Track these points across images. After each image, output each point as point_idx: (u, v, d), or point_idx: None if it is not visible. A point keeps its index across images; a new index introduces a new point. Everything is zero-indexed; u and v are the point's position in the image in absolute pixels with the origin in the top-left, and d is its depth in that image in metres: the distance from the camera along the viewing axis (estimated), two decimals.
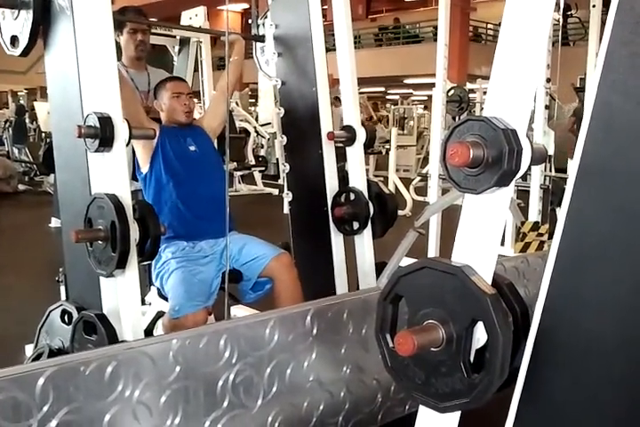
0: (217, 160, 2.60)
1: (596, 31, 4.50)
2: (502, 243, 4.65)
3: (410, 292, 0.99)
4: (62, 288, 2.42)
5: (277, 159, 9.22)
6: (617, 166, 0.84)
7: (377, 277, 2.62)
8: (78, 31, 1.84)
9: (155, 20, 5.74)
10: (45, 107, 9.20)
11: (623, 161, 0.84)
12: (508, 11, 0.94)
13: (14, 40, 2.01)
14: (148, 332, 2.41)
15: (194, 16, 4.10)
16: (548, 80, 4.50)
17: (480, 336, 0.92)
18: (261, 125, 10.28)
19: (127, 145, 2.04)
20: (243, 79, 10.62)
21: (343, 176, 2.64)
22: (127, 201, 1.82)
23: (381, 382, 1.80)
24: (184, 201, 2.42)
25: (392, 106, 15.83)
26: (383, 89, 20.98)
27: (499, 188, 0.92)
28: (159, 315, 2.48)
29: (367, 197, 2.57)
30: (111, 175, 1.85)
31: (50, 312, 2.05)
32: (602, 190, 0.86)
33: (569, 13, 13.86)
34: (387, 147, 9.54)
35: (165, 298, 2.36)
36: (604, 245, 0.86)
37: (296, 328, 1.60)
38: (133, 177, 2.48)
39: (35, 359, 2.01)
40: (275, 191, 8.78)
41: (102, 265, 1.85)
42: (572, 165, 0.89)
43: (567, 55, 4.50)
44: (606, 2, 4.29)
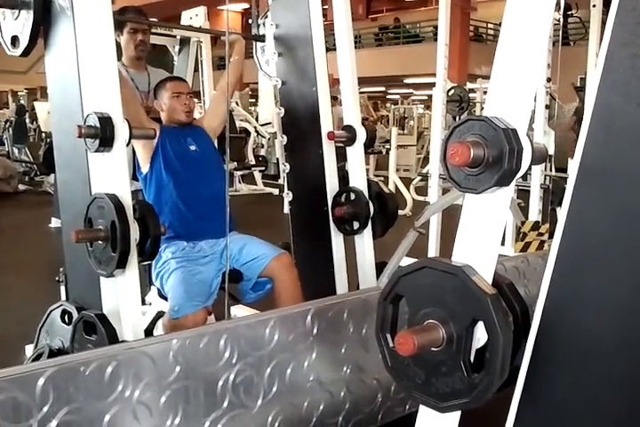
0: (217, 160, 2.59)
1: (597, 31, 4.51)
2: (503, 242, 4.65)
3: (410, 292, 0.99)
4: (62, 288, 2.42)
5: (277, 159, 9.22)
6: (617, 168, 0.84)
7: (377, 276, 2.62)
8: (79, 31, 1.84)
9: (155, 20, 5.76)
10: (45, 107, 9.21)
11: (623, 162, 0.84)
12: (509, 10, 0.94)
13: (15, 40, 2.01)
14: (148, 332, 2.41)
15: (194, 16, 4.10)
16: (549, 80, 4.50)
17: (480, 336, 0.93)
18: (262, 125, 10.29)
19: (127, 145, 2.04)
20: (243, 79, 10.60)
21: (343, 176, 2.64)
22: (127, 201, 1.82)
23: (382, 381, 1.80)
24: (184, 201, 2.42)
25: (392, 106, 15.84)
26: (383, 89, 20.98)
27: (499, 187, 0.92)
28: (159, 315, 2.48)
29: (367, 197, 2.56)
30: (111, 175, 1.85)
31: (50, 312, 2.05)
32: (602, 191, 0.86)
33: (569, 13, 13.86)
34: (387, 146, 9.55)
35: (165, 298, 2.36)
36: (605, 245, 0.86)
37: (296, 328, 1.60)
38: (134, 177, 2.48)
39: (35, 359, 2.01)
40: (275, 191, 8.78)
41: (102, 265, 1.85)
42: (573, 166, 0.89)
43: (567, 55, 4.49)
44: (607, 2, 4.30)
